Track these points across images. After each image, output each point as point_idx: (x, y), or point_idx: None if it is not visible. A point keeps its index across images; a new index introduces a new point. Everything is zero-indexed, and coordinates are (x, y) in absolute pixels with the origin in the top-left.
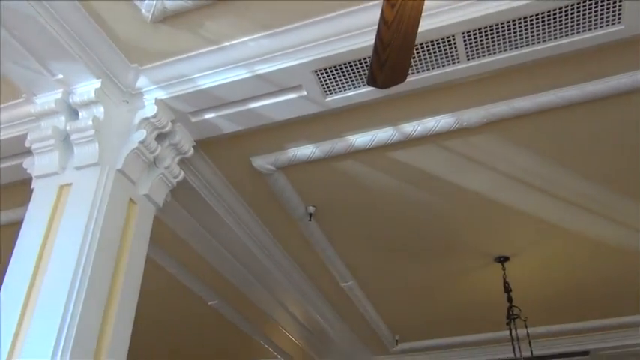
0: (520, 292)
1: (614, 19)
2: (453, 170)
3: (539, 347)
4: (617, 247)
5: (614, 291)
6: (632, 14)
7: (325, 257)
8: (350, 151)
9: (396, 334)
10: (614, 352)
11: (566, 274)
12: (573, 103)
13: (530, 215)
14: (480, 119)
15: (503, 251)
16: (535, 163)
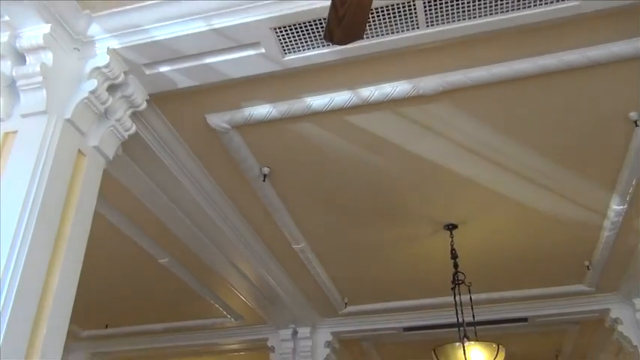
0: (466, 260)
1: None
2: (407, 137)
3: (481, 313)
4: (561, 220)
5: (555, 262)
6: None
7: (278, 219)
8: (307, 112)
9: (345, 297)
10: (551, 319)
11: (511, 244)
12: (527, 76)
13: (480, 185)
14: (436, 87)
15: (453, 219)
16: (488, 134)
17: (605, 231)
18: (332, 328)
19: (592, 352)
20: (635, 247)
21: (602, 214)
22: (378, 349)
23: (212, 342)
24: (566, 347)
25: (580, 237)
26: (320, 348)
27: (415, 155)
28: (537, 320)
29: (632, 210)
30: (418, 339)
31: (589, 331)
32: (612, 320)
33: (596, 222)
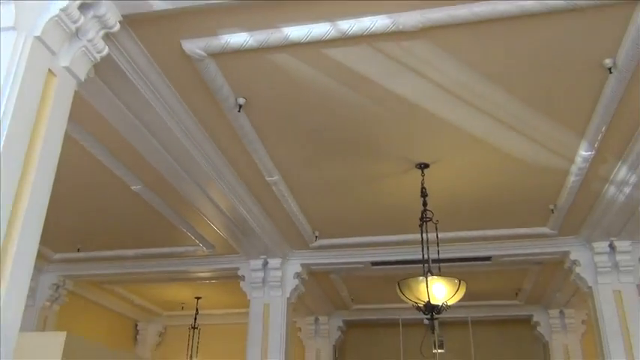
0: (435, 199)
1: None
2: (385, 74)
3: (447, 251)
4: (530, 164)
5: (521, 204)
6: None
7: (252, 150)
8: (284, 43)
9: (315, 230)
10: (514, 259)
11: (480, 185)
12: (507, 17)
13: (454, 125)
14: (416, 24)
15: (425, 158)
16: (465, 74)
17: (571, 176)
18: (302, 260)
19: (550, 291)
20: (599, 193)
21: (570, 159)
22: (345, 281)
23: (183, 269)
24: (526, 286)
25: (547, 181)
26: (289, 279)
27: (392, 92)
28: (501, 259)
29: (599, 156)
30: (385, 273)
31: (549, 272)
32: (571, 262)
33: (563, 167)
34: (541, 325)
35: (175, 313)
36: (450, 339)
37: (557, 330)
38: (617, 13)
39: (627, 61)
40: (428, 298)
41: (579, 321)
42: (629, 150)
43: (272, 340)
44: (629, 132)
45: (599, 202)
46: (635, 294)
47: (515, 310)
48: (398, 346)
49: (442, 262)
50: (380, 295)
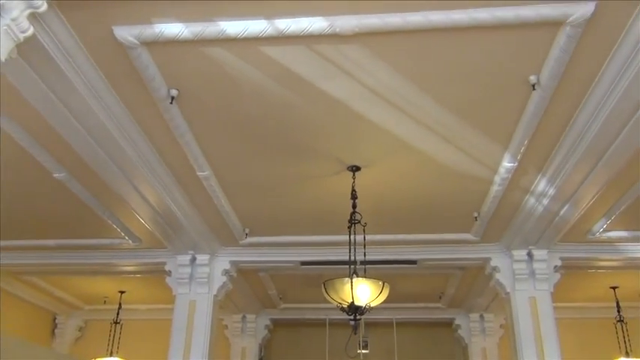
0: (365, 202)
1: None
2: (320, 75)
3: (375, 253)
4: (457, 172)
5: (447, 210)
6: None
7: (184, 144)
8: (220, 37)
9: (246, 228)
10: (439, 263)
11: (408, 190)
12: (439, 28)
13: (385, 130)
14: (352, 28)
15: (357, 161)
16: (397, 81)
17: (494, 186)
18: (231, 257)
19: (471, 296)
20: (520, 203)
21: (494, 169)
22: (274, 280)
23: (107, 262)
24: (449, 290)
25: (472, 189)
26: (217, 275)
27: (327, 94)
28: (426, 263)
29: (521, 168)
30: (314, 273)
31: (471, 277)
32: (492, 268)
33: (487, 176)
34: (462, 328)
35: (97, 307)
36: (375, 340)
37: (476, 333)
38: (543, 33)
39: (550, 79)
40: (352, 299)
41: (497, 325)
42: (549, 164)
43: (196, 338)
44: (549, 147)
45: (519, 211)
46: (548, 301)
47: (438, 313)
48: (324, 346)
49: (369, 264)
50: (308, 294)
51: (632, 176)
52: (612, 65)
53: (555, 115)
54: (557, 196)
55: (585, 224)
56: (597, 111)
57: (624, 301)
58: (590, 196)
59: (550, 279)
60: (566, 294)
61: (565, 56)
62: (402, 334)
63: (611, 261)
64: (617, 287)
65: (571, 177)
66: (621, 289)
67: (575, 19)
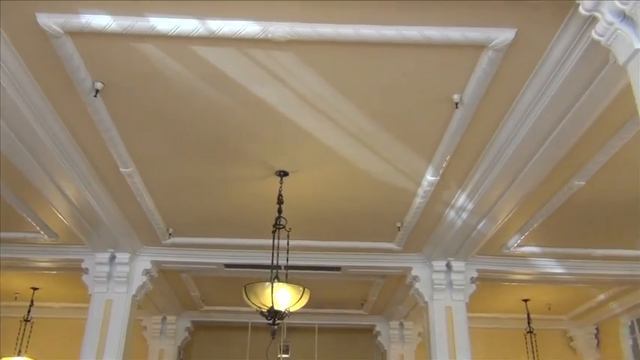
0: (292, 207)
1: None
2: (252, 79)
3: (299, 258)
4: (382, 182)
5: (372, 219)
6: None
7: (108, 138)
8: (150, 33)
9: (170, 228)
10: (362, 271)
11: (334, 198)
12: (370, 42)
13: (314, 137)
14: (285, 35)
15: (285, 166)
16: (327, 90)
17: (417, 198)
18: (153, 256)
19: (392, 304)
20: (441, 216)
21: (418, 182)
22: (197, 282)
23: (20, 257)
24: (371, 297)
25: (396, 200)
26: (137, 275)
27: (258, 99)
28: (349, 270)
29: (443, 182)
30: (237, 276)
31: (392, 285)
32: (412, 277)
33: (411, 188)
34: (382, 335)
35: (7, 304)
36: (297, 344)
37: (395, 340)
38: (467, 53)
39: (472, 98)
40: (272, 304)
41: (416, 333)
42: (469, 179)
43: (111, 338)
44: (470, 163)
45: (440, 224)
46: (463, 311)
47: (359, 319)
48: (245, 350)
49: (292, 269)
50: (231, 297)
51: (544, 196)
52: (530, 89)
53: (476, 133)
54: (475, 211)
55: (501, 239)
56: (515, 132)
57: (534, 313)
58: (506, 213)
59: (466, 290)
60: (481, 305)
61: (487, 78)
62: (324, 339)
63: (524, 275)
64: (529, 300)
65: (489, 193)
66: (532, 302)
67: (497, 43)
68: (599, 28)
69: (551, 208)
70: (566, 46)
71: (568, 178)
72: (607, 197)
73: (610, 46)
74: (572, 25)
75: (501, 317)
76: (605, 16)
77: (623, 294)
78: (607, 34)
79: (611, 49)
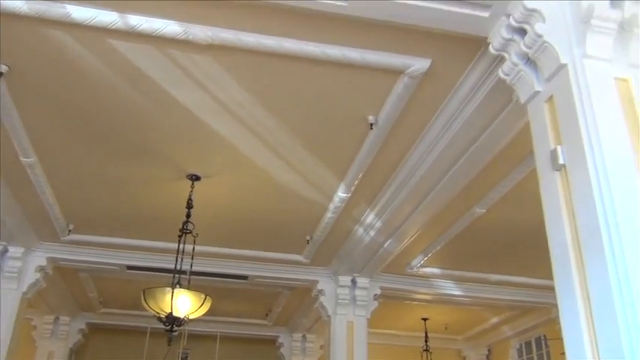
0: (201, 212)
1: None
2: (170, 80)
3: (205, 265)
4: (295, 194)
5: (282, 231)
6: None
7: (8, 125)
8: (65, 21)
9: (70, 224)
10: (269, 281)
11: (246, 206)
12: (292, 56)
13: (230, 144)
14: (206, 38)
15: (197, 170)
16: (246, 99)
17: (328, 213)
18: (49, 253)
19: (297, 316)
20: (349, 232)
21: (329, 197)
22: (96, 282)
23: None
24: (276, 308)
25: (307, 213)
26: (30, 271)
27: (174, 100)
28: (256, 280)
29: (353, 200)
30: (139, 279)
31: (298, 298)
32: (318, 291)
33: (323, 203)
34: (284, 347)
35: None
36: (197, 352)
37: (297, 353)
38: (385, 78)
39: (386, 121)
40: (171, 310)
41: (318, 346)
42: (379, 199)
43: None
44: (381, 183)
45: (348, 240)
46: (364, 326)
47: (263, 330)
48: (142, 356)
49: (197, 276)
50: (131, 300)
51: (448, 220)
52: (441, 117)
53: (388, 155)
54: (383, 230)
55: (405, 258)
56: (424, 157)
57: (432, 332)
58: (412, 233)
59: (368, 306)
60: (382, 321)
61: (401, 103)
62: (225, 348)
63: (424, 294)
64: (428, 319)
65: (397, 213)
66: (431, 321)
67: (413, 70)
68: (505, 68)
69: (453, 232)
70: (476, 81)
71: (470, 205)
72: (504, 226)
73: (514, 86)
74: (482, 62)
75: (401, 334)
76: (511, 57)
77: (514, 318)
78: (512, 74)
79: (515, 88)
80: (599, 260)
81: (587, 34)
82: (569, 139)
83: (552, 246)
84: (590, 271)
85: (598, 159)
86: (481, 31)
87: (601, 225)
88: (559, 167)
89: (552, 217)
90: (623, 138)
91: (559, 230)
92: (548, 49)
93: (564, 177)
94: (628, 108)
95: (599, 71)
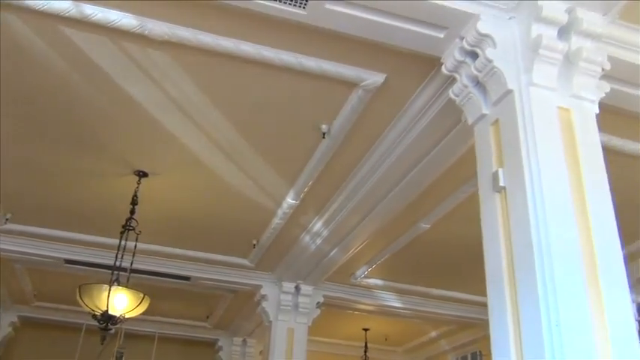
0: (146, 210)
1: (300, 3)
2: (123, 73)
3: (147, 263)
4: (244, 198)
5: (228, 233)
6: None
7: None
8: (16, 4)
9: (7, 212)
10: (212, 284)
11: (193, 206)
12: (248, 59)
13: (181, 143)
14: (162, 34)
15: (145, 167)
16: (200, 99)
17: (276, 218)
18: None
19: (238, 320)
20: (296, 239)
21: (278, 202)
22: (31, 274)
23: None
24: (218, 311)
25: (255, 217)
26: None
27: (126, 94)
28: (199, 282)
29: (302, 207)
30: (77, 274)
31: (241, 301)
32: (261, 296)
33: (271, 208)
34: (223, 351)
35: None
36: (133, 352)
37: (236, 357)
38: (340, 88)
39: (339, 131)
40: (106, 308)
41: (257, 351)
42: (326, 208)
43: None
44: (330, 192)
45: (295, 246)
46: (304, 333)
47: (203, 332)
48: (75, 353)
49: (138, 274)
50: (68, 295)
51: (394, 232)
52: (392, 132)
53: (339, 165)
54: (329, 238)
55: (350, 268)
56: (374, 170)
57: (372, 342)
58: (358, 244)
59: (310, 313)
60: (324, 329)
61: (354, 114)
62: (163, 349)
63: (367, 305)
64: (369, 329)
65: (344, 223)
66: (371, 332)
67: (367, 84)
68: (455, 89)
69: (398, 245)
70: (428, 99)
71: (416, 219)
72: (447, 242)
73: (463, 107)
74: (435, 81)
75: (341, 343)
76: (462, 79)
77: (452, 333)
78: (462, 95)
79: (464, 109)
80: (530, 281)
81: (534, 63)
82: (510, 163)
83: (487, 264)
84: (521, 291)
85: (536, 184)
86: (435, 51)
87: (534, 247)
88: (499, 189)
89: (490, 236)
90: (560, 165)
91: (495, 250)
92: (497, 74)
93: (504, 199)
94: (567, 137)
95: (543, 99)
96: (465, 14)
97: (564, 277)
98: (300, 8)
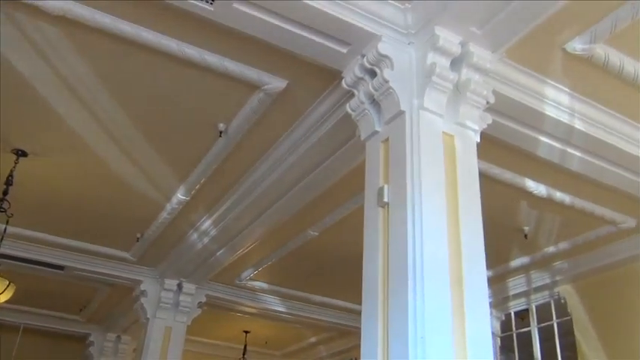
0: (23, 192)
1: None
2: (10, 45)
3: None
4: (131, 189)
5: (112, 224)
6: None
7: None
8: None
9: None
10: (88, 275)
11: (75, 192)
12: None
13: (67, 125)
14: (57, 9)
15: (25, 146)
16: (93, 81)
17: (164, 213)
18: None
19: (114, 315)
20: (183, 236)
21: (167, 197)
22: None
23: None
24: (92, 304)
25: (142, 210)
26: None
27: (12, 67)
28: (74, 272)
29: (192, 204)
30: None
31: (118, 296)
32: (140, 292)
33: (159, 202)
34: (94, 346)
35: None
36: None
37: (108, 353)
38: (241, 88)
39: (236, 131)
40: None
41: (131, 348)
42: (217, 208)
43: None
44: (222, 192)
45: (181, 244)
46: (182, 332)
47: (74, 325)
48: None
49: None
50: None
51: (283, 237)
52: (289, 138)
53: (233, 165)
54: (217, 238)
55: (236, 269)
56: (268, 173)
57: (251, 345)
58: (245, 246)
59: (191, 312)
60: (203, 329)
61: (253, 116)
62: (28, 341)
63: (250, 307)
64: (249, 332)
65: (234, 224)
66: (252, 334)
67: (269, 88)
68: (352, 104)
69: (285, 250)
70: (327, 110)
71: (305, 226)
72: (333, 251)
73: (358, 122)
74: (335, 93)
75: (220, 344)
76: (359, 95)
77: (331, 339)
78: (358, 110)
79: (358, 124)
80: (402, 293)
81: (426, 88)
82: (395, 180)
83: (365, 275)
84: (392, 302)
85: (417, 202)
86: (338, 65)
87: (409, 262)
88: (383, 204)
89: (370, 248)
90: (440, 187)
91: (373, 261)
92: (391, 95)
93: (386, 214)
94: (449, 161)
95: (431, 123)
96: (368, 34)
97: (432, 293)
98: (207, 4)
